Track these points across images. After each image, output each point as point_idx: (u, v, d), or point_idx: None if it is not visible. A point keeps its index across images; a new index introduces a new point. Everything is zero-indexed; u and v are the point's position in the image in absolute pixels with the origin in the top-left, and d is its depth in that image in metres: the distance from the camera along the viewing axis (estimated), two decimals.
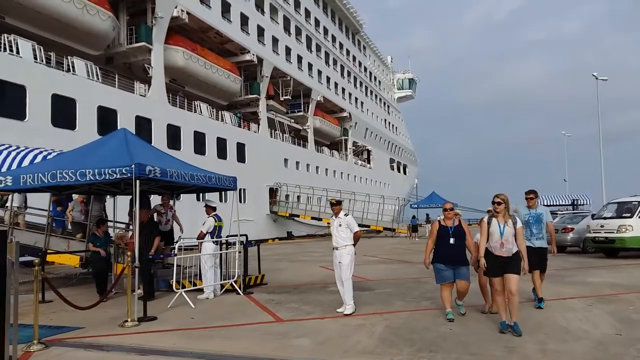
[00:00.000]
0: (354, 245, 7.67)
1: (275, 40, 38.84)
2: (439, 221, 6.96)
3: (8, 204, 12.40)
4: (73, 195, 11.70)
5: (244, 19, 34.41)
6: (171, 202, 11.44)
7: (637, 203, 15.83)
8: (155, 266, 11.04)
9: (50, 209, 11.68)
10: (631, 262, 14.48)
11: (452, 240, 6.71)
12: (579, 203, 44.49)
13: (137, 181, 7.49)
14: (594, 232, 16.00)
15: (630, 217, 15.50)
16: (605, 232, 15.61)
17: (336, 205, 7.77)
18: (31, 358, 5.31)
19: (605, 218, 16.15)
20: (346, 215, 7.72)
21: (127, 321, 6.93)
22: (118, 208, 11.10)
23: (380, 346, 5.54)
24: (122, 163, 7.58)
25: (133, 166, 7.40)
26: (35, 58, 19.78)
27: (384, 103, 70.16)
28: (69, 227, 12.10)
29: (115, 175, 7.53)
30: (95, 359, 5.29)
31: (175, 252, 8.76)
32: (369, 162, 61.10)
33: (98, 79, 22.79)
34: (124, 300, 7.59)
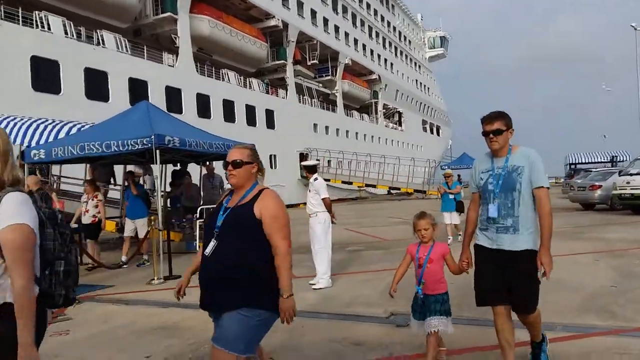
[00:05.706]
0: (329, 212, 6.99)
1: (300, 4, 38.50)
2: None
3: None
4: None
5: None
6: (99, 195, 9.37)
7: None
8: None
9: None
10: None
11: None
12: (619, 160, 43.25)
13: (157, 151, 7.99)
14: (620, 189, 15.75)
15: None
16: (631, 189, 15.39)
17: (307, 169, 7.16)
18: (65, 312, 5.93)
19: (631, 174, 15.87)
20: (316, 179, 7.02)
21: (153, 279, 7.56)
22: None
23: (380, 299, 5.95)
24: (143, 134, 8.08)
25: (153, 137, 7.89)
26: (66, 33, 20.47)
27: (415, 63, 68.83)
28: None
29: (137, 145, 8.05)
30: (120, 311, 5.88)
31: (197, 216, 9.32)
32: (400, 125, 60.55)
33: (127, 51, 23.42)
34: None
